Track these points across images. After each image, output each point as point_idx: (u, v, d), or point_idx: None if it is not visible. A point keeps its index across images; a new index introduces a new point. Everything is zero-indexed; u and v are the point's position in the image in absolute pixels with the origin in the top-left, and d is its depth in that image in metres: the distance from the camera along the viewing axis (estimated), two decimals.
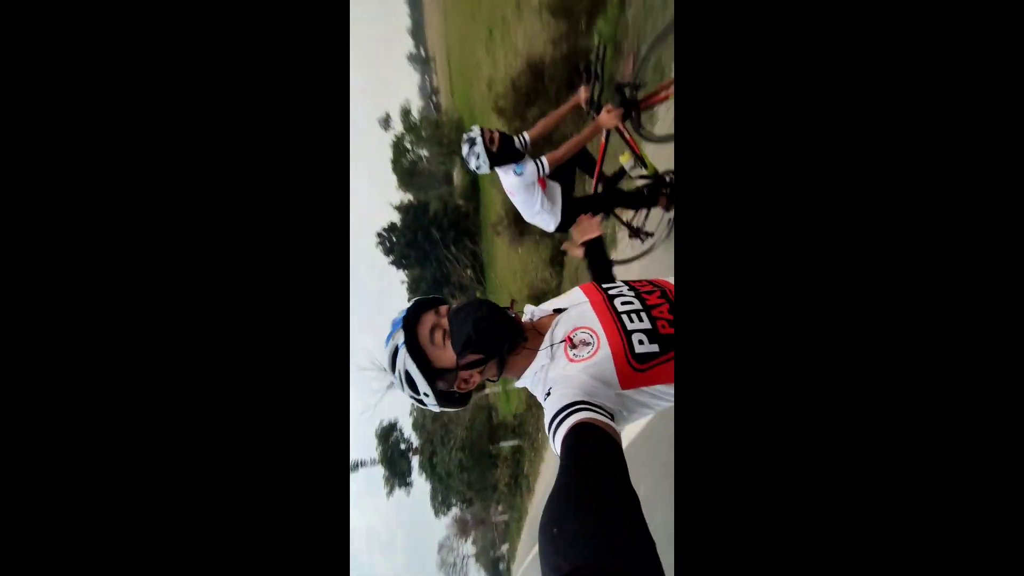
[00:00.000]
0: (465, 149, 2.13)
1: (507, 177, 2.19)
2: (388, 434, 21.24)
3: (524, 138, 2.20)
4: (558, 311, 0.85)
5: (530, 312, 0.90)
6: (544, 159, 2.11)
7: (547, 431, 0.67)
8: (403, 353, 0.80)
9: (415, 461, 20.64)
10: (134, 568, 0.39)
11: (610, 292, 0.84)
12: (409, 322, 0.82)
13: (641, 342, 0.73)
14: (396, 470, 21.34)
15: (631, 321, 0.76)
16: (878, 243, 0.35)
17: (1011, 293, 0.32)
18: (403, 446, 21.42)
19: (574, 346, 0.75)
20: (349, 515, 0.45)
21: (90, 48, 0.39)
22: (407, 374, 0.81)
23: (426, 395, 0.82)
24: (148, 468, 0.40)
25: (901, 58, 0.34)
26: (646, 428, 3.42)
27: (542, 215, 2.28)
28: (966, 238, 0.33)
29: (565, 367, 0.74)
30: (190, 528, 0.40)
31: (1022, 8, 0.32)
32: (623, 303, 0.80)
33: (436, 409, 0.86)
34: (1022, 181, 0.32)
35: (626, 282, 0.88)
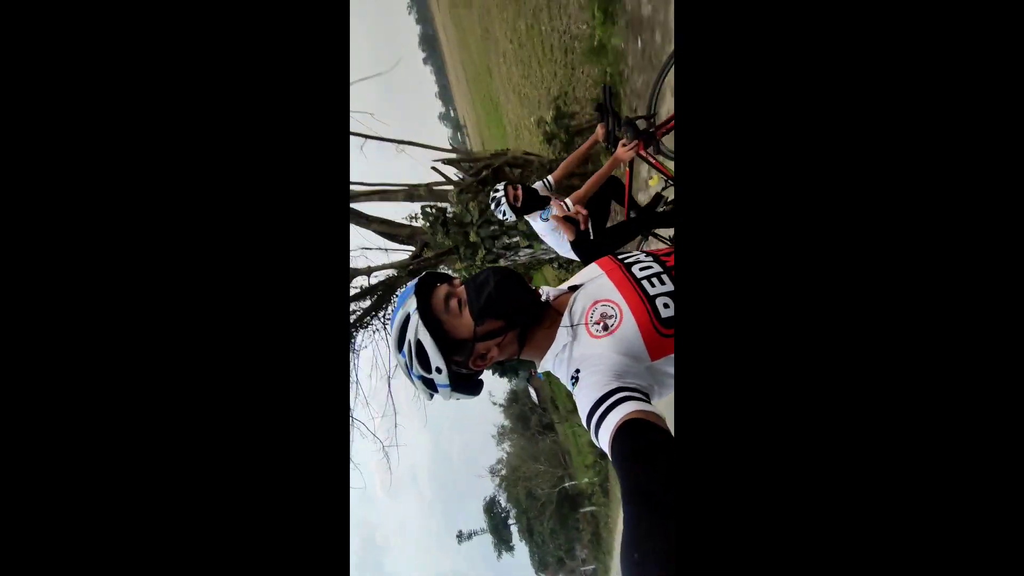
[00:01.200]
0: (493, 206, 2.28)
1: (535, 222, 2.30)
2: (492, 507, 27.05)
3: (548, 181, 2.36)
4: (573, 288, 0.81)
5: (545, 293, 0.84)
6: (568, 200, 2.17)
7: (584, 424, 0.63)
8: (415, 320, 0.73)
9: (515, 529, 26.28)
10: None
11: (626, 260, 0.79)
12: (422, 289, 0.76)
13: (667, 305, 0.68)
14: (501, 537, 27.03)
15: (652, 285, 0.71)
16: (874, 244, 0.36)
17: (1011, 293, 0.32)
18: (503, 515, 27.14)
19: (596, 321, 0.71)
20: (349, 524, 0.44)
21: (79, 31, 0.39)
22: (418, 345, 0.73)
23: (438, 371, 0.74)
24: (144, 467, 0.39)
25: (898, 75, 0.35)
26: None
27: (573, 252, 2.34)
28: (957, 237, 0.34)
29: (590, 344, 0.70)
30: (186, 535, 0.39)
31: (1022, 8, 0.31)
32: (641, 268, 0.75)
33: (447, 395, 0.78)
34: (1022, 181, 0.32)
35: (642, 250, 0.83)
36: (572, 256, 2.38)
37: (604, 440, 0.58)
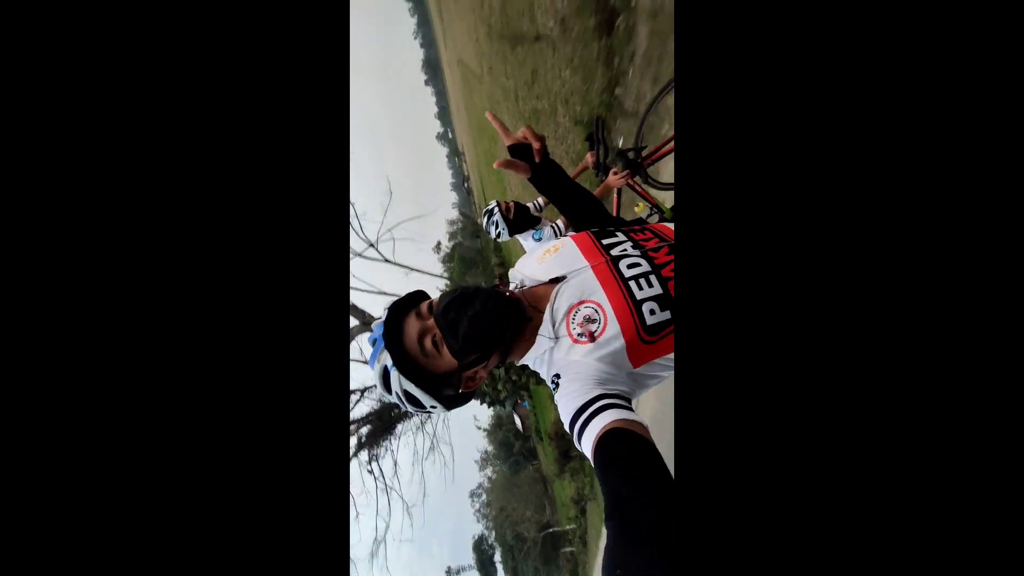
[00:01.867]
0: (485, 220, 2.29)
1: (527, 242, 2.32)
2: (480, 544, 28.35)
3: (538, 203, 2.39)
4: (555, 280, 0.77)
5: (518, 279, 0.82)
6: (560, 221, 2.18)
7: (567, 429, 0.62)
8: (396, 374, 0.70)
9: (500, 568, 27.54)
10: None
11: (612, 252, 0.75)
12: (391, 335, 0.72)
13: (652, 312, 0.66)
14: (488, 574, 28.32)
15: (640, 288, 0.68)
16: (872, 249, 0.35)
17: (1011, 293, 0.31)
18: (490, 552, 28.42)
19: (579, 323, 0.68)
20: (349, 529, 0.44)
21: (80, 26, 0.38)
22: (407, 394, 0.71)
23: (433, 408, 0.74)
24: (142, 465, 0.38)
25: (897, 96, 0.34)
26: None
27: None
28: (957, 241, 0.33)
29: (570, 350, 0.68)
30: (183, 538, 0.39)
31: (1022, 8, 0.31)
32: (629, 266, 0.72)
33: (443, 412, 0.78)
34: (1022, 181, 0.31)
35: (626, 233, 0.80)
36: None
37: (587, 448, 0.59)
